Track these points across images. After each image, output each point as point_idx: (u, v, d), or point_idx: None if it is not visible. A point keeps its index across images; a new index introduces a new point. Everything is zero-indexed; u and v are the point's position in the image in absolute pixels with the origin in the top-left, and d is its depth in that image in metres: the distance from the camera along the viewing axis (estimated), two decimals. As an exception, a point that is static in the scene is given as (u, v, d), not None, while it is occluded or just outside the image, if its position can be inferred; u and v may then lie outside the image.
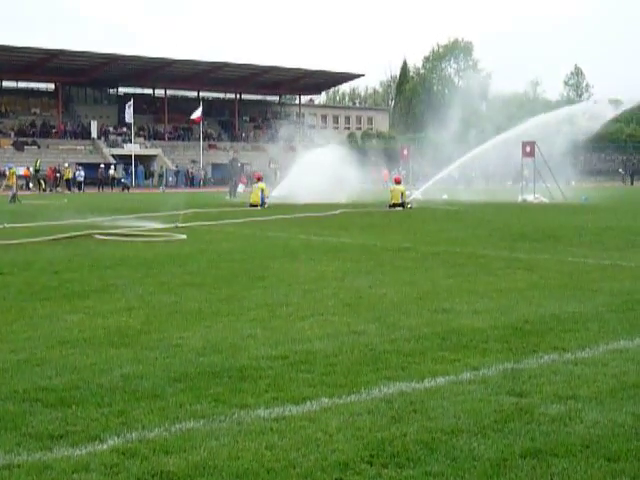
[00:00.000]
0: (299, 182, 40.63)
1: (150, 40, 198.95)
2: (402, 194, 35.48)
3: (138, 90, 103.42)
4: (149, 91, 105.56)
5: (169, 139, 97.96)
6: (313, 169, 39.74)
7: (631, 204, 39.70)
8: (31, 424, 5.66)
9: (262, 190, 35.98)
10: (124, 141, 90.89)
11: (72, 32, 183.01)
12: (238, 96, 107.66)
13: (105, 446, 5.24)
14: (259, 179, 37.24)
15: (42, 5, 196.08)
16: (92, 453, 5.13)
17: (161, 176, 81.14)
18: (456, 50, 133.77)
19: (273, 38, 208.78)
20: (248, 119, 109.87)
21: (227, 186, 51.94)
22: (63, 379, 6.78)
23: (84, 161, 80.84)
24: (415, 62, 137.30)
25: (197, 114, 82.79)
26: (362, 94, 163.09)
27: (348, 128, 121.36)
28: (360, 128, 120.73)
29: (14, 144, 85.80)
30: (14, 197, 43.52)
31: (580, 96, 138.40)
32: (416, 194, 43.60)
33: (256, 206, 35.10)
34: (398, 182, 36.35)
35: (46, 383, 6.66)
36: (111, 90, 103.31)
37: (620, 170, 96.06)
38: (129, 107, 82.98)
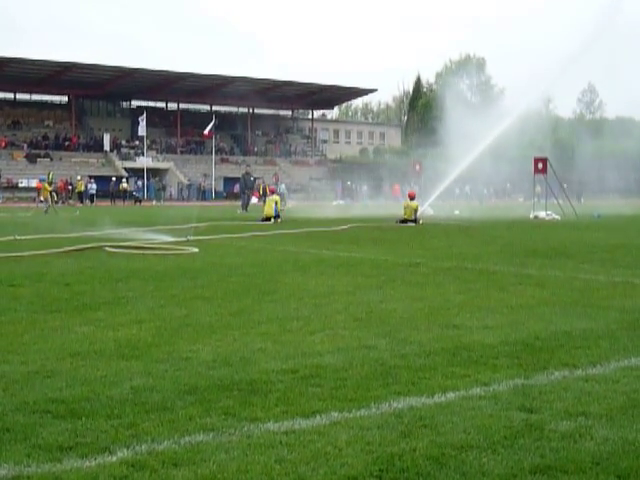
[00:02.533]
0: None
1: (163, 54, 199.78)
2: (415, 210, 35.48)
3: (151, 103, 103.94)
4: (162, 104, 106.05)
5: (181, 152, 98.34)
6: None
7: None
8: (41, 435, 5.67)
9: (276, 203, 36.04)
10: (136, 154, 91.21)
11: (85, 46, 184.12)
12: (251, 110, 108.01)
13: (114, 458, 5.24)
14: (272, 192, 37.30)
15: (55, 18, 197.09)
16: (101, 465, 5.12)
17: (159, 190, 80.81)
18: (469, 66, 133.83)
19: (286, 53, 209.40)
20: (260, 133, 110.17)
21: (239, 200, 52.22)
22: (73, 391, 6.79)
23: (96, 174, 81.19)
24: (428, 77, 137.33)
25: (209, 129, 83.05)
26: (375, 109, 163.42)
27: (360, 143, 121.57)
28: (372, 143, 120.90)
29: (27, 156, 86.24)
30: (48, 209, 46.14)
31: (592, 113, 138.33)
32: (426, 208, 43.57)
33: (269, 219, 35.14)
34: (412, 197, 36.24)
35: (56, 395, 6.66)
36: (124, 103, 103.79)
37: None
38: (142, 120, 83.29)
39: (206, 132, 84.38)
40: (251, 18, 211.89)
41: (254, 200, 57.12)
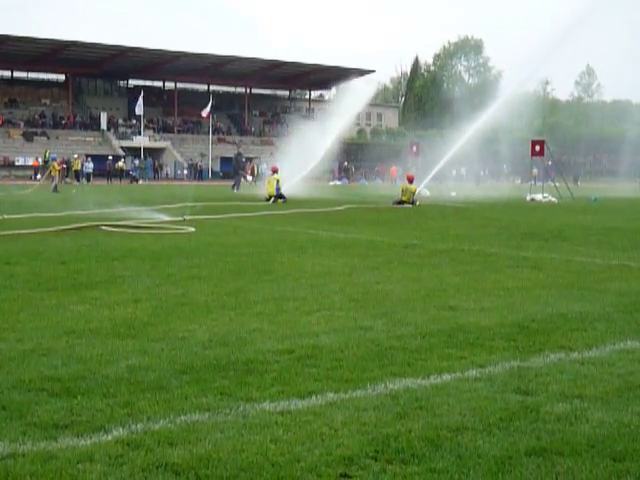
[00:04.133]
0: None
1: (159, 34, 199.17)
2: (413, 193, 35.43)
3: (148, 82, 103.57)
4: (159, 84, 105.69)
5: (178, 132, 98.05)
6: None
7: (640, 205, 39.57)
8: (36, 413, 5.67)
9: (277, 181, 35.93)
10: (133, 133, 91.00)
11: (82, 24, 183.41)
12: (248, 90, 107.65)
13: (110, 437, 5.24)
14: (274, 171, 37.17)
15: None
16: (97, 444, 5.13)
17: (144, 169, 79.28)
18: (466, 48, 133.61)
19: (284, 33, 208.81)
20: (258, 113, 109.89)
21: (232, 180, 52.51)
22: (69, 369, 6.79)
23: (93, 153, 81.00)
24: (426, 59, 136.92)
25: (207, 110, 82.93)
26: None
27: (358, 124, 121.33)
28: (370, 124, 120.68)
29: (24, 134, 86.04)
30: (56, 187, 46.58)
31: (590, 96, 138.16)
32: (422, 189, 43.53)
33: (269, 199, 35.04)
34: (411, 180, 36.16)
35: (52, 373, 6.66)
36: (121, 82, 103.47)
37: None
38: (139, 100, 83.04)
39: (204, 114, 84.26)
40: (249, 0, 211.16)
41: (249, 179, 57.53)
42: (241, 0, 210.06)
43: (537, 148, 44.19)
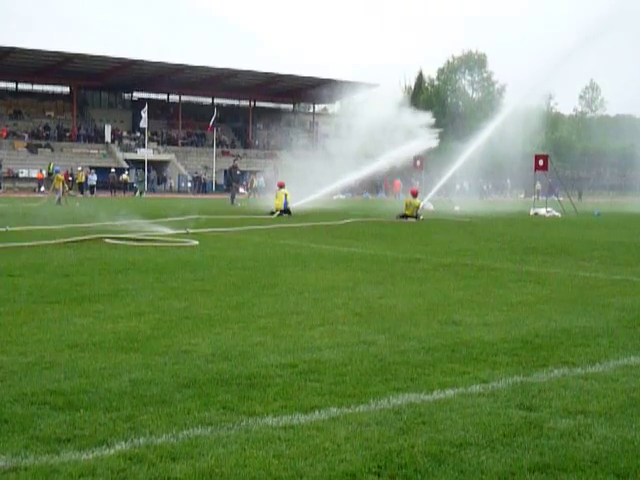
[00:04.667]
0: None
1: (161, 47, 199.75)
2: (417, 207, 35.45)
3: (152, 95, 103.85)
4: (163, 96, 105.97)
5: (182, 145, 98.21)
6: None
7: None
8: (39, 427, 5.65)
9: (285, 196, 35.97)
10: (137, 146, 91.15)
11: (86, 37, 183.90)
12: (252, 103, 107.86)
13: (112, 451, 5.23)
14: (281, 186, 37.21)
15: (57, 9, 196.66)
16: (99, 458, 5.11)
17: (141, 182, 78.78)
18: (470, 62, 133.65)
19: (289, 47, 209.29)
20: (262, 126, 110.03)
21: (228, 193, 53.00)
22: (72, 383, 6.78)
23: (97, 165, 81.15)
24: (430, 73, 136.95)
25: (212, 122, 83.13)
26: (377, 104, 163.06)
27: (361, 138, 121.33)
28: (373, 138, 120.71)
29: (28, 146, 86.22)
30: (60, 199, 46.71)
31: (594, 111, 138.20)
32: (426, 204, 43.57)
33: (274, 213, 35.09)
34: (415, 194, 36.20)
35: (55, 386, 6.65)
36: (126, 95, 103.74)
37: None
38: (144, 112, 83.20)
39: (210, 127, 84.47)
40: (252, 13, 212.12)
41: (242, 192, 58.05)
42: (244, 14, 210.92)
43: (541, 163, 44.22)
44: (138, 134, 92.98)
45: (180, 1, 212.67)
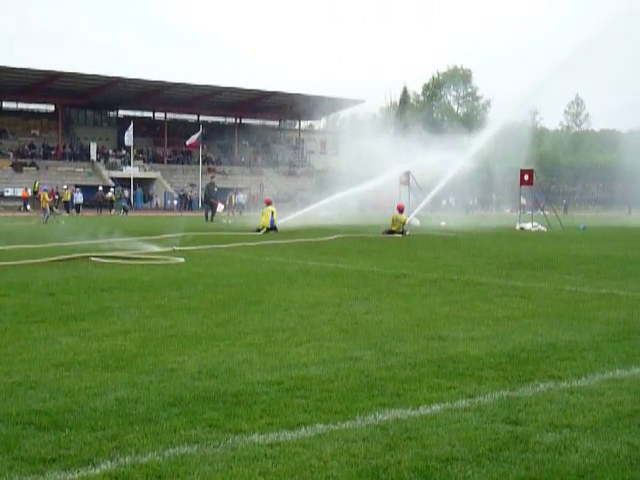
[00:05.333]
0: None
1: (148, 64, 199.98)
2: (403, 223, 35.50)
3: (138, 113, 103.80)
4: (149, 114, 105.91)
5: (168, 162, 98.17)
6: None
7: (628, 233, 39.68)
8: (24, 447, 5.63)
9: (272, 213, 35.96)
10: (123, 164, 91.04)
11: (70, 55, 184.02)
12: (238, 120, 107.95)
13: (98, 470, 5.21)
14: (268, 203, 37.21)
15: (42, 27, 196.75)
16: (85, 477, 5.10)
17: (119, 199, 76.39)
18: (455, 78, 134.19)
19: (274, 63, 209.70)
20: (248, 143, 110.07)
21: (210, 210, 52.86)
22: (57, 402, 6.76)
23: (83, 183, 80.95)
24: (415, 89, 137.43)
25: (193, 139, 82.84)
26: (362, 120, 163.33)
27: (347, 154, 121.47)
28: (359, 154, 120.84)
29: (13, 165, 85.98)
30: (47, 218, 46.59)
31: (579, 126, 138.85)
32: (412, 219, 43.65)
33: (260, 230, 35.09)
34: (401, 210, 36.21)
35: (40, 406, 6.63)
36: (111, 113, 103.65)
37: None
38: (129, 130, 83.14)
39: (188, 142, 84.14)
40: (237, 31, 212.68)
41: (220, 209, 58.07)
42: (229, 31, 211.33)
43: (526, 177, 44.36)
44: (124, 152, 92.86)
45: (165, 19, 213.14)
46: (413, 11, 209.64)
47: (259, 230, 35.14)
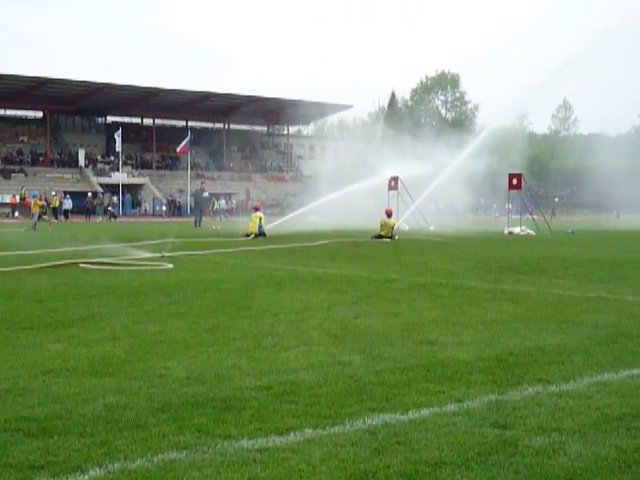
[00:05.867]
0: None
1: (136, 70, 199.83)
2: (392, 228, 35.54)
3: (126, 119, 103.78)
4: (137, 120, 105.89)
5: (157, 168, 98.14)
6: None
7: (617, 237, 39.78)
8: (12, 454, 5.61)
9: (260, 219, 35.98)
10: (112, 170, 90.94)
11: (59, 61, 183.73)
12: (226, 126, 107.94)
13: (86, 477, 5.20)
14: (256, 209, 37.25)
15: (28, 33, 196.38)
16: (73, 484, 5.09)
17: (101, 204, 75.54)
18: (443, 82, 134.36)
19: (262, 69, 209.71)
20: (236, 149, 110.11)
21: (200, 215, 52.98)
22: (45, 409, 6.74)
23: (71, 189, 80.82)
24: (403, 94, 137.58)
25: (183, 145, 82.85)
26: (350, 125, 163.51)
27: (336, 159, 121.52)
28: (348, 159, 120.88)
29: (1, 172, 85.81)
30: (35, 225, 46.36)
31: (567, 130, 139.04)
32: (401, 224, 43.73)
33: (249, 235, 35.13)
34: (389, 215, 36.23)
35: (28, 413, 6.61)
36: (99, 119, 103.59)
37: None
38: (118, 136, 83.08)
39: (179, 149, 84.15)
40: (225, 36, 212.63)
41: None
42: (217, 37, 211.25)
43: (514, 181, 44.45)
44: (112, 158, 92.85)
45: (151, 25, 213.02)
46: (401, 16, 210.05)
47: (248, 236, 35.18)
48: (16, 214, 70.62)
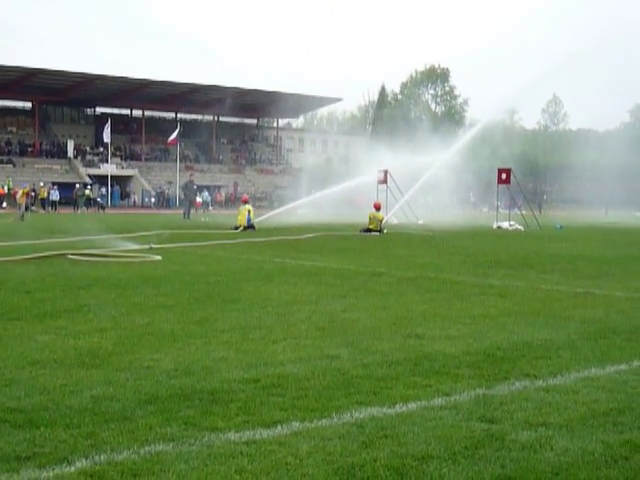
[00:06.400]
0: None
1: (126, 62, 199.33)
2: (380, 221, 35.56)
3: (115, 110, 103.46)
4: (126, 111, 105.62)
5: (146, 160, 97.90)
6: None
7: (605, 233, 39.87)
8: (-2, 445, 5.60)
9: (249, 212, 35.97)
10: (100, 161, 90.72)
11: (48, 52, 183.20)
12: (216, 118, 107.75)
13: (73, 468, 5.18)
14: (245, 202, 37.23)
15: (16, 24, 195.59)
16: (60, 475, 5.07)
17: (82, 196, 73.98)
18: (433, 76, 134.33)
19: (252, 61, 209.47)
20: (225, 141, 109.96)
21: (182, 208, 53.13)
22: (32, 400, 6.72)
23: (60, 180, 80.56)
24: (393, 87, 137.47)
25: (173, 136, 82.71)
26: (340, 118, 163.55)
27: (326, 152, 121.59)
28: (338, 152, 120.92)
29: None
30: (23, 215, 46.33)
31: (557, 125, 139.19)
32: (390, 218, 43.77)
33: (238, 228, 35.14)
34: (378, 208, 36.23)
35: (15, 404, 6.59)
36: (88, 110, 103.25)
37: None
38: (107, 127, 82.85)
39: (168, 141, 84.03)
40: (215, 29, 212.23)
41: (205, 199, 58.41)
42: (207, 29, 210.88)
43: (503, 176, 44.49)
44: (101, 149, 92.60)
45: (140, 17, 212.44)
46: (391, 9, 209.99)
47: (236, 228, 35.17)
48: (4, 205, 70.40)
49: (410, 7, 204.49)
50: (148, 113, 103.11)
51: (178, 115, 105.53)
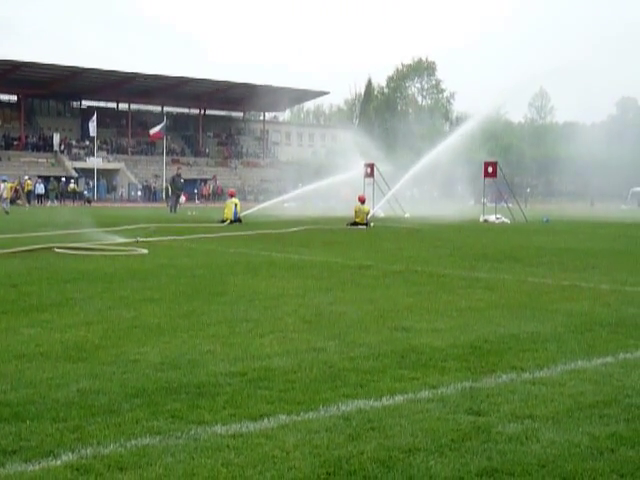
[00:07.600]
0: None
1: (112, 55, 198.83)
2: (367, 214, 35.61)
3: (102, 104, 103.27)
4: (113, 105, 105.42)
5: (132, 153, 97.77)
6: None
7: (591, 226, 39.97)
8: (-16, 439, 5.58)
9: (236, 205, 36.01)
10: (87, 154, 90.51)
11: (32, 45, 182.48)
12: (202, 111, 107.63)
13: (59, 462, 5.16)
14: (232, 195, 37.24)
15: (1, 17, 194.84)
16: (46, 469, 5.05)
17: (52, 190, 74.27)
18: (420, 70, 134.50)
19: (238, 54, 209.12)
20: (212, 135, 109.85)
21: (168, 201, 53.12)
22: (18, 393, 6.70)
23: (46, 174, 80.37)
24: (379, 81, 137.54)
25: (156, 129, 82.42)
26: (327, 112, 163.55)
27: (312, 146, 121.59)
28: (324, 146, 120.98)
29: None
30: (7, 209, 47.06)
31: (543, 118, 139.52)
32: (376, 211, 43.82)
33: (224, 221, 35.16)
34: (363, 201, 36.27)
35: (0, 397, 6.56)
36: (74, 103, 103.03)
37: None
38: (93, 121, 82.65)
39: (152, 132, 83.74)
40: (201, 22, 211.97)
41: (182, 200, 58.37)
42: (193, 22, 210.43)
43: (490, 169, 44.55)
44: (87, 143, 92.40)
45: (128, 10, 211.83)
46: (378, 3, 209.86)
47: (223, 222, 35.17)
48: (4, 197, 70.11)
49: (397, 0, 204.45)
50: (134, 106, 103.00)
51: (165, 108, 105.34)
